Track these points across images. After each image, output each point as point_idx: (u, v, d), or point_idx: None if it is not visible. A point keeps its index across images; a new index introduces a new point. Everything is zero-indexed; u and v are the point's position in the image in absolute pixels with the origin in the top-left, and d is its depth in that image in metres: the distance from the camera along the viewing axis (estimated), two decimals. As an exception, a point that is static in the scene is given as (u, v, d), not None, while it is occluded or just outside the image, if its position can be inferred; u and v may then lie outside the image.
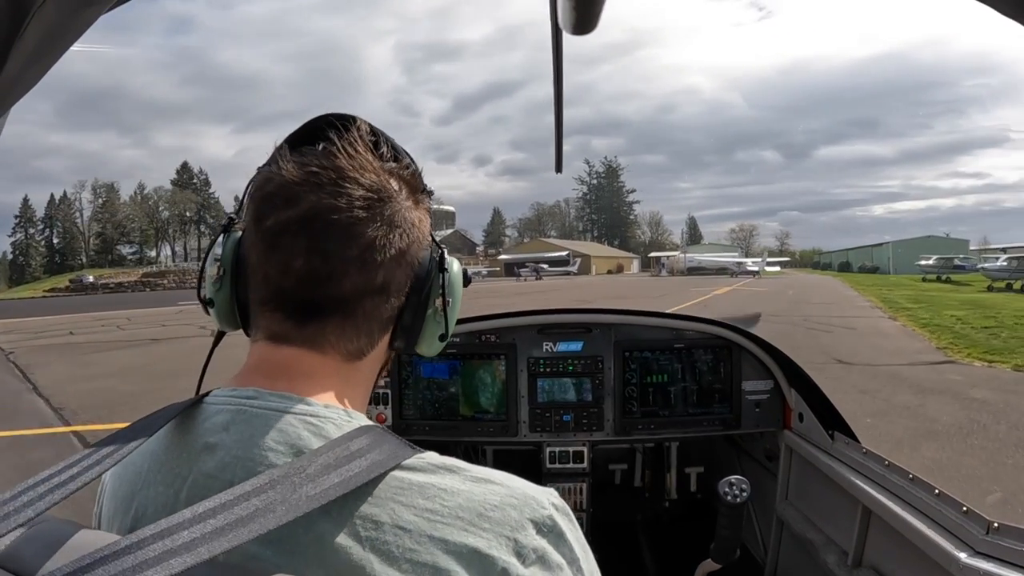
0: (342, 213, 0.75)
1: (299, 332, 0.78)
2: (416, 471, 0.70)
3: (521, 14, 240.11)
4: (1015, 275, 42.49)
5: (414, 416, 2.72)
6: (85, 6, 0.75)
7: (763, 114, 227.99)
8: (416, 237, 0.83)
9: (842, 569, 2.02)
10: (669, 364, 2.74)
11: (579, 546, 0.74)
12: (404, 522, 0.65)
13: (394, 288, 0.81)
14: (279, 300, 0.78)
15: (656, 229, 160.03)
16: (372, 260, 0.77)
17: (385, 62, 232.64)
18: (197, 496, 0.65)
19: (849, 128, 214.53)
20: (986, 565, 1.38)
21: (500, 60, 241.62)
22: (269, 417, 0.72)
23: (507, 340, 2.75)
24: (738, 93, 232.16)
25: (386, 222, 0.78)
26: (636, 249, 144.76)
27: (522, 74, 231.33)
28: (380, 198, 0.78)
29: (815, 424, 2.37)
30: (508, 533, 0.67)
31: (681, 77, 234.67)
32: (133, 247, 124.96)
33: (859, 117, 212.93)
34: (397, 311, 0.84)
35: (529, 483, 0.75)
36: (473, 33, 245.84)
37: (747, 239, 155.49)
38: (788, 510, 2.53)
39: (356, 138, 0.79)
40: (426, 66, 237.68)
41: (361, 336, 0.81)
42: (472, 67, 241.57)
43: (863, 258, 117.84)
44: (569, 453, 2.71)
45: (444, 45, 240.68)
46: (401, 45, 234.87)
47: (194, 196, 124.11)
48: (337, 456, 0.66)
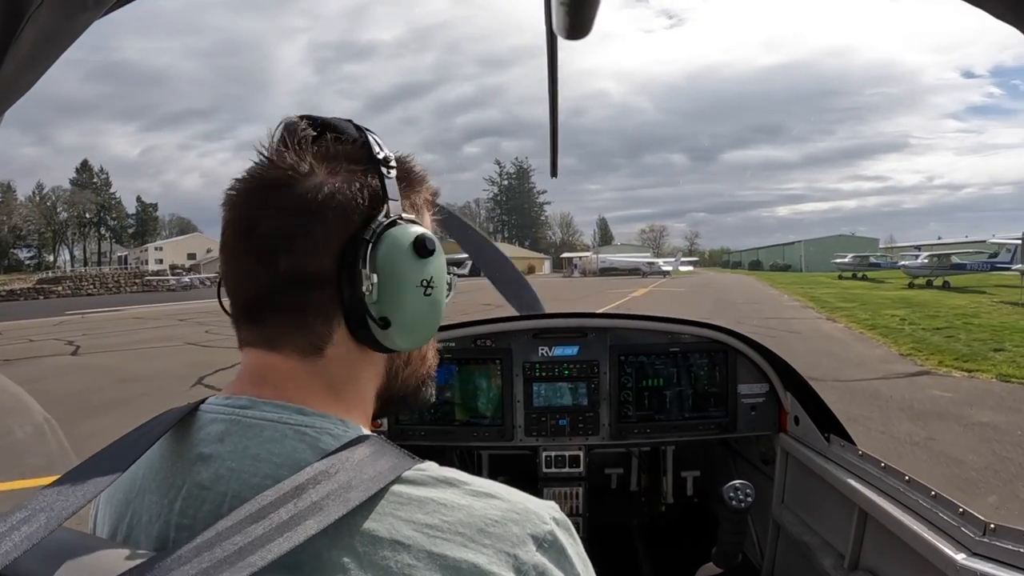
0: (243, 213, 0.76)
1: (254, 334, 0.79)
2: (416, 484, 0.70)
3: (433, 15, 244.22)
4: (936, 272, 43.80)
5: (409, 421, 2.71)
6: (80, 11, 0.77)
7: (671, 118, 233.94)
8: (334, 212, 0.75)
9: (839, 572, 2.03)
10: (665, 368, 2.76)
11: (579, 561, 0.73)
12: (403, 537, 0.65)
13: (312, 274, 0.75)
14: (234, 307, 0.80)
15: (567, 230, 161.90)
16: (270, 251, 0.74)
17: (295, 61, 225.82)
18: (191, 507, 0.68)
19: (754, 133, 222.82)
20: (983, 567, 1.39)
21: (412, 61, 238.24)
22: (264, 428, 0.72)
23: (503, 345, 2.76)
24: (647, 97, 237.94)
25: (284, 207, 0.74)
26: (547, 250, 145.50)
27: (433, 76, 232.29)
28: (276, 185, 0.75)
29: (811, 427, 2.39)
30: (509, 549, 0.67)
31: (591, 81, 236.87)
32: (31, 251, 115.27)
33: (764, 123, 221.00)
34: (336, 299, 0.77)
35: (530, 497, 0.75)
36: (385, 34, 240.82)
37: (657, 239, 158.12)
38: (784, 514, 2.55)
39: (268, 137, 0.80)
40: (337, 66, 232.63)
41: (302, 330, 0.77)
42: (383, 68, 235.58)
43: (774, 257, 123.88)
44: (565, 458, 2.73)
45: (355, 45, 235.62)
46: (312, 44, 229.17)
47: (94, 196, 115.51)
48: (336, 472, 0.66)
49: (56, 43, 0.78)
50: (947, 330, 18.34)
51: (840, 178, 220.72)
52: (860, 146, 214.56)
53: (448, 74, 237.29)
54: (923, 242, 68.76)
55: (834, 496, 2.12)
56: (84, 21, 0.78)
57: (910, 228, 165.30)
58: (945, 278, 43.05)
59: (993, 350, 14.62)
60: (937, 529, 1.57)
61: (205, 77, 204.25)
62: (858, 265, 64.77)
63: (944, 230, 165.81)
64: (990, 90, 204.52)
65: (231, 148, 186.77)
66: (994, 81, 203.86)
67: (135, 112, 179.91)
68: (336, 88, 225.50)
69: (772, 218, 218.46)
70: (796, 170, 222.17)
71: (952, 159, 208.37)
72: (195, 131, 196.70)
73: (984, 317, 21.93)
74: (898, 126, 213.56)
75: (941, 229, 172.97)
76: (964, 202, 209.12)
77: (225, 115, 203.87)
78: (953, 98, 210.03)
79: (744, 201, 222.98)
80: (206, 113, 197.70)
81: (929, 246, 56.42)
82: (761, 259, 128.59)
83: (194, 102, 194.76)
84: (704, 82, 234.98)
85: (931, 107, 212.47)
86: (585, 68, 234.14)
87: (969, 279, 44.08)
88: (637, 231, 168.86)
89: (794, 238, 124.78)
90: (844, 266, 66.03)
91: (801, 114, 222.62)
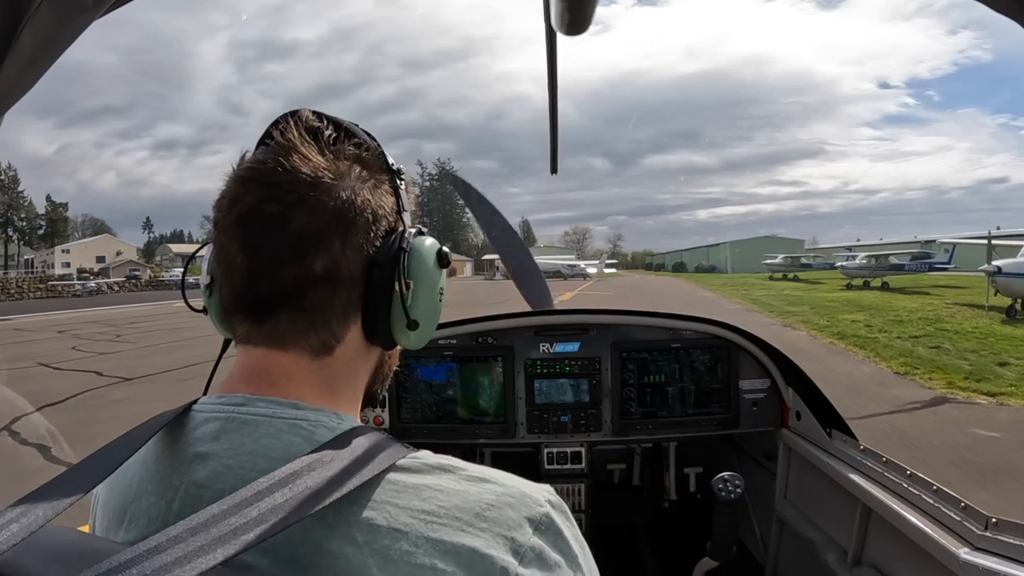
0: (273, 204, 0.75)
1: (259, 331, 0.78)
2: (411, 472, 0.71)
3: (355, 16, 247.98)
4: (875, 272, 44.08)
5: (411, 419, 2.76)
6: (79, 12, 0.77)
7: (592, 123, 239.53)
8: (368, 218, 0.79)
9: (842, 568, 2.06)
10: (667, 364, 2.78)
11: (576, 543, 0.74)
12: (400, 524, 0.66)
13: (345, 276, 0.78)
14: (237, 302, 0.79)
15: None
16: (306, 248, 0.75)
17: (215, 59, 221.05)
18: (189, 506, 0.68)
19: (673, 139, 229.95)
20: (986, 560, 1.41)
21: (333, 61, 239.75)
22: (259, 423, 0.72)
23: (504, 342, 2.78)
24: (569, 102, 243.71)
25: (321, 206, 0.75)
26: (469, 252, 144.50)
27: (355, 77, 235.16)
28: (313, 183, 0.76)
29: (813, 422, 2.41)
30: (505, 532, 0.68)
31: (511, 85, 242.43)
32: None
33: (683, 128, 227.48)
34: (359, 300, 0.80)
35: (525, 480, 0.76)
36: (306, 33, 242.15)
37: (581, 242, 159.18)
38: (787, 509, 2.59)
39: (292, 128, 0.78)
40: (258, 65, 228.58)
41: (318, 329, 0.78)
42: (304, 68, 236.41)
43: (698, 258, 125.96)
44: (567, 454, 2.75)
45: (277, 44, 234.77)
46: (233, 42, 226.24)
47: (0, 196, 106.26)
48: (330, 460, 0.67)
49: (55, 44, 0.78)
50: (926, 339, 16.74)
51: (758, 183, 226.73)
52: (777, 152, 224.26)
53: (370, 75, 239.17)
54: (851, 243, 69.79)
55: (837, 491, 2.13)
56: (83, 22, 0.78)
57: (826, 231, 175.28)
58: (884, 279, 43.28)
59: (997, 364, 12.88)
60: (940, 524, 1.60)
61: (123, 73, 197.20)
62: (789, 266, 65.08)
63: (859, 233, 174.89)
64: (905, 100, 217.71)
65: (148, 147, 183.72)
66: (909, 92, 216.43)
67: (49, 108, 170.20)
68: (257, 87, 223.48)
69: (691, 221, 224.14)
70: (715, 175, 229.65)
71: (867, 165, 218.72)
72: (111, 128, 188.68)
73: (950, 322, 20.71)
74: (814, 133, 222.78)
75: (856, 232, 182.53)
76: (878, 206, 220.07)
77: (142, 112, 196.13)
78: (869, 107, 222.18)
79: (664, 204, 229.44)
80: (123, 110, 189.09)
81: (861, 247, 57.92)
82: (685, 261, 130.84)
83: (111, 99, 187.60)
84: (623, 88, 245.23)
85: (847, 116, 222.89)
86: (506, 71, 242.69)
87: (906, 280, 44.36)
88: (560, 233, 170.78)
89: (714, 240, 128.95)
90: (775, 267, 66.03)
91: (720, 121, 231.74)
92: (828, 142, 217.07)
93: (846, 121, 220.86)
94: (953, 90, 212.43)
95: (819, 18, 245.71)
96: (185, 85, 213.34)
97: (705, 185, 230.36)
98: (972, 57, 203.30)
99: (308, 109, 0.81)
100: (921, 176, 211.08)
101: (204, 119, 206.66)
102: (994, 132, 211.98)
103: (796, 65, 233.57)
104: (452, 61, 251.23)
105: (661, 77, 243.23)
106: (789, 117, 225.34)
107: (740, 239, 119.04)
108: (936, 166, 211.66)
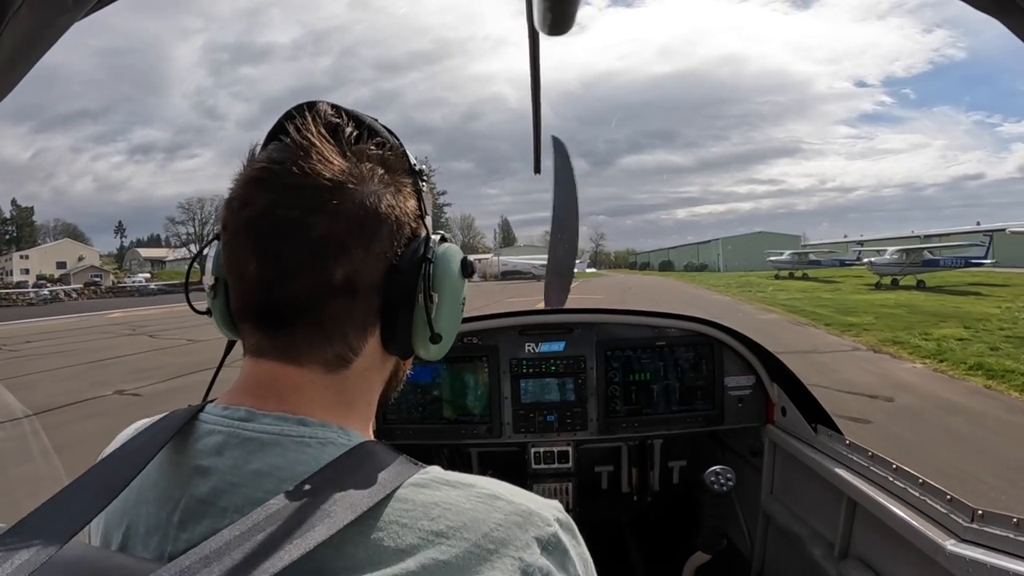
0: (290, 209, 0.71)
1: (271, 343, 0.76)
2: (420, 488, 0.70)
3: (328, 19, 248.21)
4: (907, 269, 41.25)
5: (397, 420, 2.75)
6: (60, 13, 0.77)
7: (567, 124, 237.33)
8: (391, 226, 0.77)
9: (829, 561, 2.07)
10: (651, 362, 2.81)
11: (580, 562, 0.74)
12: (408, 546, 0.65)
13: (365, 285, 0.75)
14: (248, 309, 0.76)
15: (468, 232, 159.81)
16: (325, 257, 0.72)
17: (191, 62, 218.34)
18: (189, 520, 0.68)
19: (650, 139, 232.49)
20: (972, 552, 1.42)
21: (308, 64, 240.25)
22: (264, 441, 0.71)
23: (489, 342, 2.80)
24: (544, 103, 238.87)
25: (342, 213, 0.72)
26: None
27: (330, 79, 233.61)
28: (334, 188, 0.72)
29: (798, 418, 2.42)
30: (514, 553, 0.67)
31: (487, 86, 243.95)
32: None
33: (659, 128, 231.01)
34: (378, 310, 0.78)
35: (534, 497, 0.75)
36: (281, 36, 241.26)
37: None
38: (773, 504, 2.61)
39: (310, 124, 0.74)
40: (233, 68, 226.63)
41: (334, 342, 0.76)
42: (279, 71, 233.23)
43: (687, 256, 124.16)
44: (554, 453, 2.78)
45: (252, 47, 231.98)
46: (208, 45, 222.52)
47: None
48: (340, 478, 0.67)
49: (37, 45, 0.79)
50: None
51: (735, 181, 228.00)
52: (753, 151, 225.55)
53: (345, 78, 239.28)
54: (853, 239, 65.76)
55: (823, 486, 2.16)
56: (64, 23, 0.78)
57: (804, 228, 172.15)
58: (919, 276, 40.21)
59: None
60: (926, 516, 1.63)
61: (98, 77, 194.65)
62: (797, 263, 61.24)
63: (836, 229, 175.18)
64: (881, 98, 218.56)
65: (124, 151, 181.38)
66: (884, 90, 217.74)
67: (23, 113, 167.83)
68: (231, 91, 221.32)
69: (670, 220, 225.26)
70: (692, 174, 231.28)
71: (843, 163, 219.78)
72: (87, 133, 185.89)
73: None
74: (790, 132, 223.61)
75: (833, 229, 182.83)
76: (854, 203, 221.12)
77: (118, 117, 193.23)
78: (844, 106, 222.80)
79: (642, 204, 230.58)
80: (98, 114, 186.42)
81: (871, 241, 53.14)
82: (672, 259, 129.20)
83: (86, 103, 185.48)
84: (599, 89, 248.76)
85: (822, 115, 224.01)
86: (481, 73, 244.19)
87: (940, 277, 41.57)
88: (541, 233, 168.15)
89: (693, 239, 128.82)
90: (781, 264, 62.13)
91: (696, 120, 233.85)
92: (804, 141, 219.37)
93: (822, 120, 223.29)
94: (928, 88, 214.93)
95: (793, 18, 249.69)
96: (160, 89, 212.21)
97: (683, 184, 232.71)
98: (947, 55, 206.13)
99: (326, 102, 0.78)
100: (897, 173, 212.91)
101: (180, 123, 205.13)
102: (969, 129, 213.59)
103: (771, 64, 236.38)
104: (427, 63, 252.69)
105: (636, 77, 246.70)
106: (765, 116, 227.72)
107: (732, 235, 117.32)
108: (912, 163, 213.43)
